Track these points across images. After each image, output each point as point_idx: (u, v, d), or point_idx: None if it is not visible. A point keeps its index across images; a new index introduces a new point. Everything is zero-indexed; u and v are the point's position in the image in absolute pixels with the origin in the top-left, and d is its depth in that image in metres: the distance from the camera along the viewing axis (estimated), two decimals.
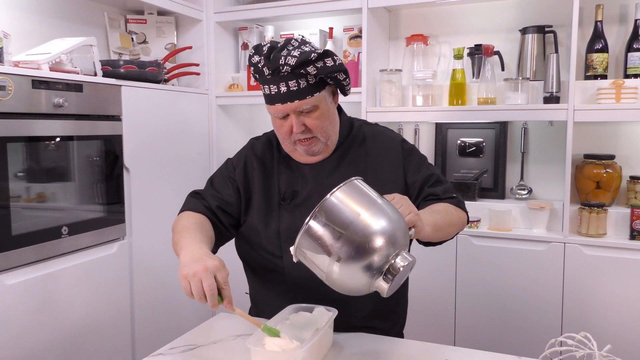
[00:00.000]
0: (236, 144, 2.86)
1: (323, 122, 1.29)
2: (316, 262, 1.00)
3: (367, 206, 0.99)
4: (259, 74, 1.28)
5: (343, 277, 0.99)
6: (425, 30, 2.51)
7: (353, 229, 0.96)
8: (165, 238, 2.32)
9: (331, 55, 1.24)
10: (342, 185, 1.01)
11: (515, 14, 2.38)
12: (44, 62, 1.77)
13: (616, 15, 2.22)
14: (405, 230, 1.03)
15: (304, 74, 1.23)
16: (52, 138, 1.79)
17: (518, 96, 2.14)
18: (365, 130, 1.44)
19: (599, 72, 2.13)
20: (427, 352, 1.21)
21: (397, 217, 1.02)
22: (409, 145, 1.44)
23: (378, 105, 2.41)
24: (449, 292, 2.22)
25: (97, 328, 1.96)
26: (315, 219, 0.98)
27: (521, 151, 2.40)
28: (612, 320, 1.99)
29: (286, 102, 1.25)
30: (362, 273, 0.97)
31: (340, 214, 0.98)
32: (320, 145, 1.32)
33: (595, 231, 2.05)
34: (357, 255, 0.96)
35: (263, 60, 1.25)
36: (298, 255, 1.03)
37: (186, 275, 1.06)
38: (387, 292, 1.00)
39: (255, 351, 1.06)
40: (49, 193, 1.84)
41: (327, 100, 1.30)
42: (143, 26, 2.58)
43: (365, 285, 1.00)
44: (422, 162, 1.41)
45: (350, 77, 1.33)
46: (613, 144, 2.25)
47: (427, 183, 1.38)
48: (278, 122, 1.31)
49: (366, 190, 1.04)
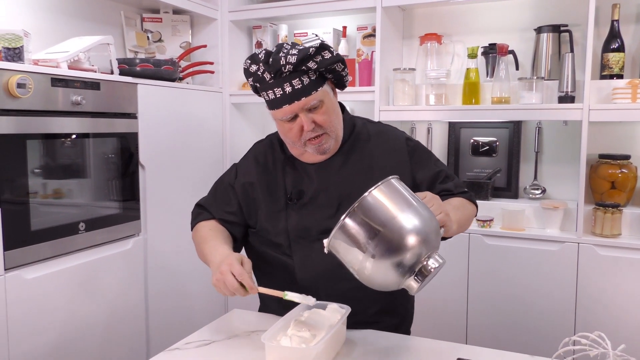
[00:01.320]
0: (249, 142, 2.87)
1: (330, 117, 1.31)
2: (349, 257, 1.03)
3: (404, 206, 1.01)
4: (260, 82, 1.29)
5: (375, 274, 1.01)
6: (439, 29, 2.50)
7: (389, 228, 0.98)
8: (179, 234, 2.35)
9: (327, 47, 1.27)
10: (380, 184, 1.03)
11: (530, 13, 2.37)
12: (62, 61, 1.79)
13: (632, 15, 2.20)
14: (438, 230, 1.05)
15: (305, 71, 1.25)
16: (69, 135, 1.82)
17: (532, 95, 2.14)
18: (369, 128, 1.45)
19: (615, 72, 2.11)
20: (439, 350, 1.21)
21: (430, 217, 1.04)
22: (413, 142, 1.45)
23: (391, 104, 2.41)
24: (461, 291, 2.22)
25: (113, 323, 1.99)
26: (352, 216, 1.00)
27: (535, 151, 2.39)
28: (626, 320, 1.98)
29: (293, 101, 1.26)
30: (394, 271, 0.99)
31: (378, 212, 1.00)
32: (331, 142, 1.33)
33: (610, 231, 2.04)
34: (392, 253, 0.98)
35: (262, 66, 1.26)
36: (330, 248, 1.05)
37: (215, 283, 1.20)
38: (416, 291, 1.02)
39: (270, 347, 1.07)
40: (66, 189, 1.87)
41: (330, 95, 1.32)
42: (159, 25, 2.60)
43: (396, 283, 1.02)
44: (429, 158, 1.43)
45: (348, 67, 1.35)
46: (628, 144, 2.24)
47: (438, 179, 1.39)
48: (286, 125, 1.31)
49: (402, 190, 1.05)
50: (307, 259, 1.33)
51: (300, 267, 1.35)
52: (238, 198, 1.41)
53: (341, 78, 1.33)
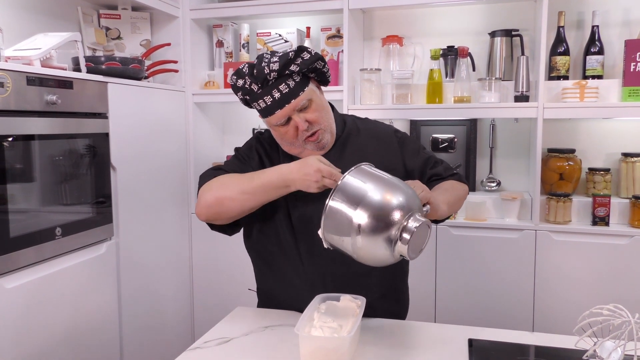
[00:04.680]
0: (211, 141, 2.87)
1: (321, 113, 1.38)
2: (342, 240, 1.11)
3: (378, 180, 1.13)
4: (249, 94, 1.35)
5: (367, 247, 1.09)
6: (399, 32, 2.62)
7: (367, 199, 1.08)
8: (151, 237, 2.31)
9: (305, 49, 1.34)
10: (353, 169, 1.14)
11: (484, 18, 2.54)
12: (35, 58, 1.71)
13: (574, 22, 2.43)
14: (415, 196, 1.15)
15: (289, 75, 1.32)
16: (43, 137, 1.74)
17: (491, 95, 2.30)
18: (358, 123, 1.53)
19: (562, 73, 2.32)
20: (449, 334, 1.31)
21: (406, 187, 1.15)
22: (402, 133, 1.54)
23: (358, 103, 2.49)
24: (429, 277, 2.35)
25: (86, 330, 1.92)
26: (333, 199, 1.10)
27: (490, 146, 2.57)
28: (579, 297, 2.19)
29: (284, 105, 1.32)
30: (382, 240, 1.08)
31: (354, 190, 1.10)
32: (327, 136, 1.40)
33: (562, 219, 2.24)
34: (374, 221, 1.07)
35: (248, 78, 1.33)
36: (327, 238, 1.13)
37: (309, 172, 1.24)
38: (408, 253, 1.09)
39: (305, 338, 1.11)
40: (39, 193, 1.78)
41: (316, 92, 1.39)
42: (117, 21, 2.52)
43: (389, 251, 1.10)
44: (417, 147, 1.53)
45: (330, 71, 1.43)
46: (573, 139, 2.46)
47: (428, 166, 1.49)
48: (282, 130, 1.37)
49: (373, 171, 1.17)
50: (313, 248, 1.37)
51: (306, 257, 1.39)
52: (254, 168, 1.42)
53: (323, 74, 1.41)
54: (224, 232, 1.43)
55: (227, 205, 1.31)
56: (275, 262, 1.46)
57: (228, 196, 1.30)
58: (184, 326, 2.61)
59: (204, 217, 1.36)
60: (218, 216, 1.35)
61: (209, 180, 1.36)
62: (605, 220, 2.20)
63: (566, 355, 1.12)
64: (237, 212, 1.33)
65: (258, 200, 1.30)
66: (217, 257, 2.62)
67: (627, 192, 2.31)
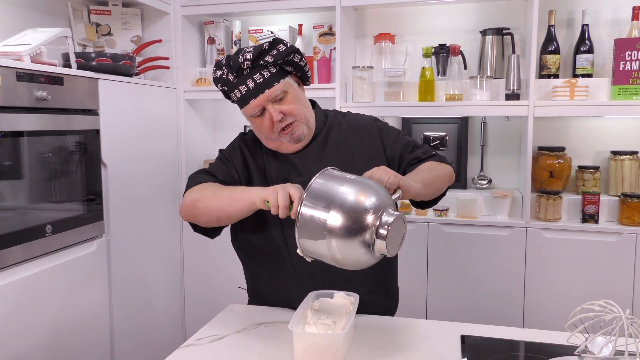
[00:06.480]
0: (203, 139, 2.86)
1: (297, 105, 1.39)
2: (319, 248, 1.09)
3: (344, 182, 1.11)
4: (226, 84, 1.38)
5: (344, 250, 1.07)
6: (391, 29, 2.62)
7: (337, 202, 1.06)
8: (142, 235, 2.29)
9: (281, 41, 1.36)
10: (318, 174, 1.13)
11: (475, 17, 2.55)
12: (25, 54, 1.69)
13: (564, 21, 2.45)
14: (385, 192, 1.13)
15: (264, 65, 1.34)
16: (33, 133, 1.72)
17: (483, 93, 2.31)
18: (339, 117, 1.54)
19: (552, 72, 2.34)
20: (442, 330, 1.31)
21: (373, 183, 1.13)
22: (381, 122, 1.55)
23: (350, 100, 2.49)
24: (421, 274, 2.36)
25: (77, 328, 1.90)
26: (304, 206, 1.08)
27: (481, 144, 2.58)
28: (568, 293, 2.21)
29: (258, 94, 1.34)
30: (358, 240, 1.06)
31: (322, 196, 1.09)
32: (303, 128, 1.40)
33: (552, 216, 2.26)
34: (346, 222, 1.05)
35: (225, 68, 1.36)
36: (305, 252, 1.12)
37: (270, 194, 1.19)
38: (388, 250, 1.08)
39: (299, 335, 1.11)
40: (29, 190, 1.76)
41: (294, 87, 1.40)
42: (107, 18, 2.50)
43: (367, 252, 1.08)
44: (397, 134, 1.52)
45: (308, 63, 1.44)
46: (563, 137, 2.48)
47: (407, 151, 1.48)
48: (258, 121, 1.38)
49: (339, 174, 1.16)
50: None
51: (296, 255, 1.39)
52: (238, 172, 1.44)
53: (301, 69, 1.41)
54: (205, 234, 1.44)
55: (203, 217, 1.35)
56: (265, 261, 1.45)
57: (205, 208, 1.33)
58: (175, 324, 2.61)
59: (184, 218, 1.40)
60: (195, 220, 1.38)
61: (193, 186, 1.39)
62: (595, 217, 2.22)
63: (558, 350, 1.13)
64: (214, 225, 1.38)
65: (231, 220, 1.35)
66: (208, 255, 2.61)
67: (616, 189, 2.33)
